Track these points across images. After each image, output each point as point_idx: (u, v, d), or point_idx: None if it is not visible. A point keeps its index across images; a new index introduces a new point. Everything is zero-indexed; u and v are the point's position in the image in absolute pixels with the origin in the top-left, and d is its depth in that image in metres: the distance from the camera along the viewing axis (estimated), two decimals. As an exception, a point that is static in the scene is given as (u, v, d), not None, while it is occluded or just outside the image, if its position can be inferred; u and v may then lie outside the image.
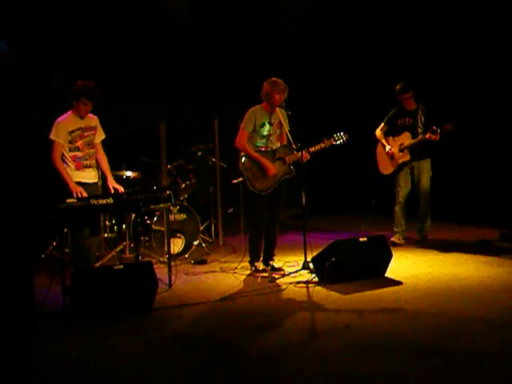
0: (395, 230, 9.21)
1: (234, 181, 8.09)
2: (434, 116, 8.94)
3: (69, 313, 5.94)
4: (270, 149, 7.71)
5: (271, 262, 7.87)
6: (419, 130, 8.96)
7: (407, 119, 9.08)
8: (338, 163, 12.40)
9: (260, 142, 7.68)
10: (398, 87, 9.09)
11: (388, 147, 9.14)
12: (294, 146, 7.72)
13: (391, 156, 9.13)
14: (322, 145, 7.80)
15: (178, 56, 11.40)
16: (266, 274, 7.58)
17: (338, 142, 7.91)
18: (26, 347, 5.22)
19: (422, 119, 9.01)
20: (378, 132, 9.33)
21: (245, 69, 11.62)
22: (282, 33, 12.14)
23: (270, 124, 7.68)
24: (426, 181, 9.08)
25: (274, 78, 7.60)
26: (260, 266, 7.81)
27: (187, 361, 4.78)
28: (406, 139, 9.02)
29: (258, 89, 7.67)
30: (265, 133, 7.65)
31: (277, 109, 7.67)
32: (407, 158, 9.03)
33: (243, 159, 7.62)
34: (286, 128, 7.74)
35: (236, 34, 11.76)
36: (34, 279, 5.95)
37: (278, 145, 7.80)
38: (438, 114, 8.98)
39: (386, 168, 9.30)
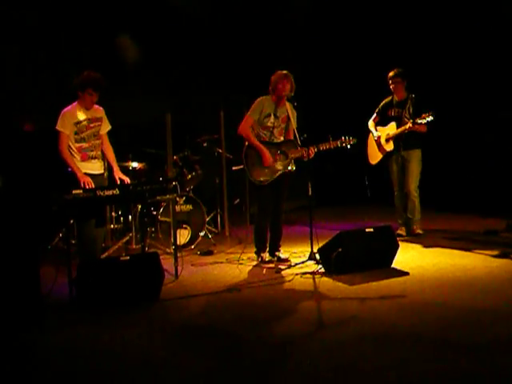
0: (399, 222, 9.18)
1: (234, 168, 8.21)
2: (424, 106, 8.76)
3: (75, 304, 5.95)
4: (271, 141, 7.76)
5: (277, 253, 7.90)
6: (405, 120, 8.88)
7: (397, 109, 9.04)
8: (344, 154, 12.38)
9: (262, 133, 7.75)
10: (390, 73, 9.05)
11: (376, 134, 9.18)
12: (300, 143, 7.74)
13: (378, 145, 9.19)
14: (328, 145, 7.76)
15: (185, 46, 11.39)
16: (272, 265, 7.63)
17: (344, 145, 7.89)
18: (33, 338, 5.23)
19: (411, 109, 8.91)
20: (370, 122, 9.36)
21: (251, 59, 11.59)
22: (290, 24, 12.15)
23: (276, 116, 7.74)
24: (413, 171, 8.92)
25: (285, 72, 7.67)
26: (266, 256, 7.85)
27: (194, 352, 4.77)
28: (391, 129, 9.02)
29: (265, 80, 7.75)
30: (269, 124, 7.72)
31: (286, 104, 7.75)
32: (390, 147, 9.03)
33: (245, 147, 7.73)
34: (294, 124, 7.80)
35: (243, 24, 11.75)
36: (41, 270, 5.94)
37: (282, 139, 7.85)
38: (429, 104, 8.83)
39: (374, 157, 9.34)
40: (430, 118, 8.48)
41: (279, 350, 4.70)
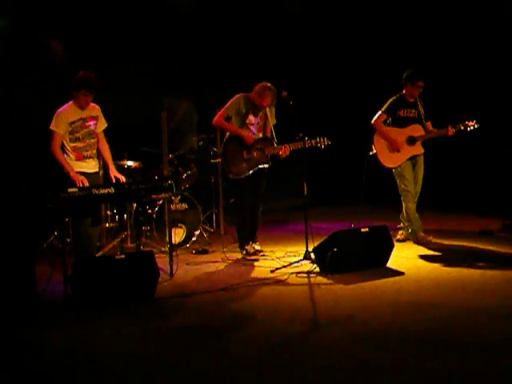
0: (413, 228, 8.64)
1: (212, 160, 8.37)
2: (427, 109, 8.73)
3: (70, 302, 5.94)
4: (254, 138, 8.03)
5: (253, 244, 8.19)
6: (423, 122, 8.67)
7: (410, 110, 8.64)
8: (339, 153, 12.39)
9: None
10: (412, 72, 8.58)
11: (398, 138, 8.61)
12: (276, 140, 8.03)
13: (396, 147, 8.58)
14: (302, 144, 7.80)
15: (181, 44, 11.38)
16: (256, 257, 8.01)
17: (318, 145, 7.95)
18: (27, 336, 5.22)
19: (422, 111, 8.69)
20: (379, 122, 8.67)
21: (248, 58, 11.59)
22: (288, 23, 12.15)
23: (254, 114, 8.05)
24: (421, 175, 8.72)
25: (268, 85, 7.92)
26: (250, 249, 8.12)
27: (188, 351, 4.77)
28: (416, 131, 8.60)
29: (261, 79, 7.97)
30: (246, 121, 8.02)
31: None
32: (420, 151, 8.62)
33: (224, 141, 8.10)
34: (272, 122, 8.09)
35: (241, 22, 11.76)
36: (36, 268, 5.94)
37: (260, 135, 8.14)
38: (430, 107, 8.79)
39: (392, 161, 8.65)
40: (475, 126, 8.43)
41: (274, 349, 4.70)
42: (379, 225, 7.45)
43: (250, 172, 7.96)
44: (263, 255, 8.08)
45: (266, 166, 8.05)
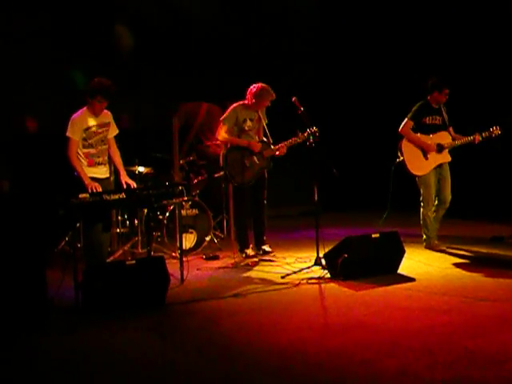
0: (429, 235, 8.63)
1: (215, 175, 8.56)
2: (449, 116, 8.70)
3: (81, 308, 5.95)
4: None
5: (263, 247, 8.44)
6: (448, 128, 8.64)
7: (436, 117, 8.59)
8: (350, 158, 12.39)
9: (242, 137, 8.31)
10: (436, 80, 8.56)
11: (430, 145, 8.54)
12: (271, 140, 8.33)
13: (426, 156, 8.53)
14: (296, 139, 8.12)
15: (192, 51, 11.39)
16: (256, 260, 8.24)
17: (310, 137, 7.84)
18: (38, 341, 5.23)
19: (446, 117, 8.64)
20: (407, 129, 8.57)
21: (260, 65, 11.60)
22: (297, 29, 12.20)
23: (251, 120, 8.31)
24: (450, 182, 8.61)
25: (267, 87, 8.22)
26: (250, 252, 8.41)
27: (198, 357, 4.77)
28: (444, 139, 8.57)
29: (271, 86, 8.21)
30: (246, 127, 8.29)
31: None
32: (448, 158, 8.59)
33: (224, 155, 8.26)
34: (264, 122, 8.38)
35: (251, 29, 11.80)
36: (47, 274, 5.94)
37: (257, 139, 8.39)
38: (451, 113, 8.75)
39: (420, 168, 8.54)
40: (499, 133, 8.43)
41: (285, 355, 4.69)
42: (390, 231, 7.43)
43: (255, 179, 8.26)
44: (274, 255, 8.34)
45: (268, 167, 8.38)
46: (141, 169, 9.00)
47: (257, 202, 8.46)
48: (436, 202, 8.64)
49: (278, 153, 8.28)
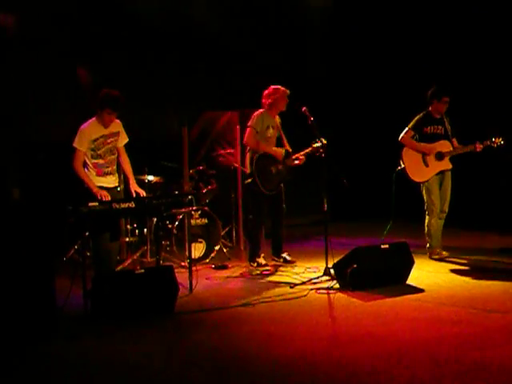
0: (433, 245, 8.68)
1: (246, 181, 8.54)
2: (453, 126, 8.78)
3: (89, 316, 5.96)
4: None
5: (283, 255, 8.50)
6: (450, 138, 8.69)
7: (437, 127, 8.68)
8: (359, 167, 12.37)
9: (265, 144, 8.37)
10: (435, 89, 8.68)
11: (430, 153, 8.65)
12: (290, 150, 8.43)
13: (426, 163, 8.64)
14: (311, 148, 8.18)
15: (201, 61, 11.42)
16: (268, 268, 8.31)
17: (318, 144, 7.98)
18: (46, 349, 5.24)
19: (449, 128, 8.72)
20: (407, 138, 8.70)
21: (269, 74, 11.62)
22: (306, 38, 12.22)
23: (272, 127, 8.43)
24: (449, 192, 8.70)
25: (279, 87, 8.37)
26: (262, 261, 8.46)
27: (207, 366, 4.76)
28: (444, 147, 8.63)
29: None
30: (268, 135, 8.38)
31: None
32: (449, 166, 8.65)
33: (254, 160, 8.27)
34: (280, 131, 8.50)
35: (258, 38, 11.80)
36: (56, 282, 5.96)
37: (276, 147, 8.51)
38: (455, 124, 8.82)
39: (421, 175, 8.67)
40: (502, 143, 8.45)
41: (294, 366, 4.68)
42: (399, 241, 7.42)
43: (278, 188, 8.35)
44: (296, 265, 8.38)
45: (290, 177, 8.47)
46: (150, 177, 9.02)
47: (276, 210, 8.52)
48: (438, 209, 8.68)
49: (297, 162, 8.38)
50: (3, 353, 5.19)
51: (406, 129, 8.73)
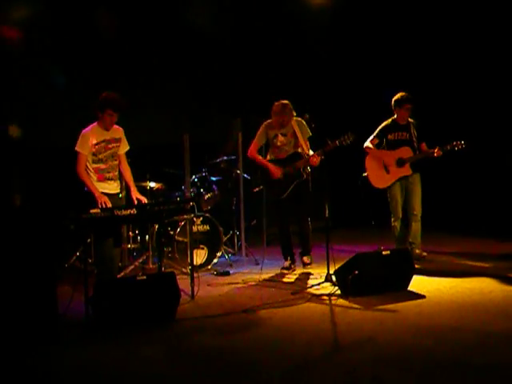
0: (397, 245, 8.85)
1: (255, 189, 8.64)
2: (422, 130, 8.96)
3: (91, 323, 5.96)
4: (283, 157, 8.46)
5: (303, 258, 8.66)
6: (415, 144, 8.88)
7: (402, 133, 8.90)
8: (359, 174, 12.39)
9: (275, 153, 8.52)
10: (399, 96, 8.86)
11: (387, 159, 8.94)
12: (308, 152, 8.31)
13: (387, 168, 8.93)
14: (329, 147, 8.12)
15: (204, 67, 11.45)
16: (286, 271, 8.45)
17: (344, 143, 8.03)
18: (48, 356, 5.24)
19: (415, 133, 8.90)
20: (370, 145, 9.05)
21: (271, 81, 11.64)
22: (302, 49, 12.23)
23: (284, 135, 8.41)
24: (419, 194, 8.93)
25: (276, 104, 8.36)
26: (286, 264, 8.59)
27: (208, 373, 4.77)
28: (405, 153, 8.83)
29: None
30: (278, 143, 8.46)
31: (292, 120, 8.40)
32: (408, 172, 8.86)
33: (258, 170, 8.54)
34: (305, 135, 8.39)
35: (262, 46, 11.83)
36: (57, 288, 5.96)
37: (293, 151, 8.49)
38: (426, 128, 8.99)
39: (382, 182, 9.01)
40: (463, 146, 8.54)
41: (295, 372, 4.69)
42: (401, 248, 7.42)
43: (289, 190, 8.33)
44: (310, 266, 8.58)
45: (302, 178, 8.36)
46: (152, 184, 9.04)
47: (297, 212, 8.59)
48: (402, 213, 8.99)
49: (311, 162, 8.26)
50: (4, 359, 5.20)
51: (371, 136, 9.08)
